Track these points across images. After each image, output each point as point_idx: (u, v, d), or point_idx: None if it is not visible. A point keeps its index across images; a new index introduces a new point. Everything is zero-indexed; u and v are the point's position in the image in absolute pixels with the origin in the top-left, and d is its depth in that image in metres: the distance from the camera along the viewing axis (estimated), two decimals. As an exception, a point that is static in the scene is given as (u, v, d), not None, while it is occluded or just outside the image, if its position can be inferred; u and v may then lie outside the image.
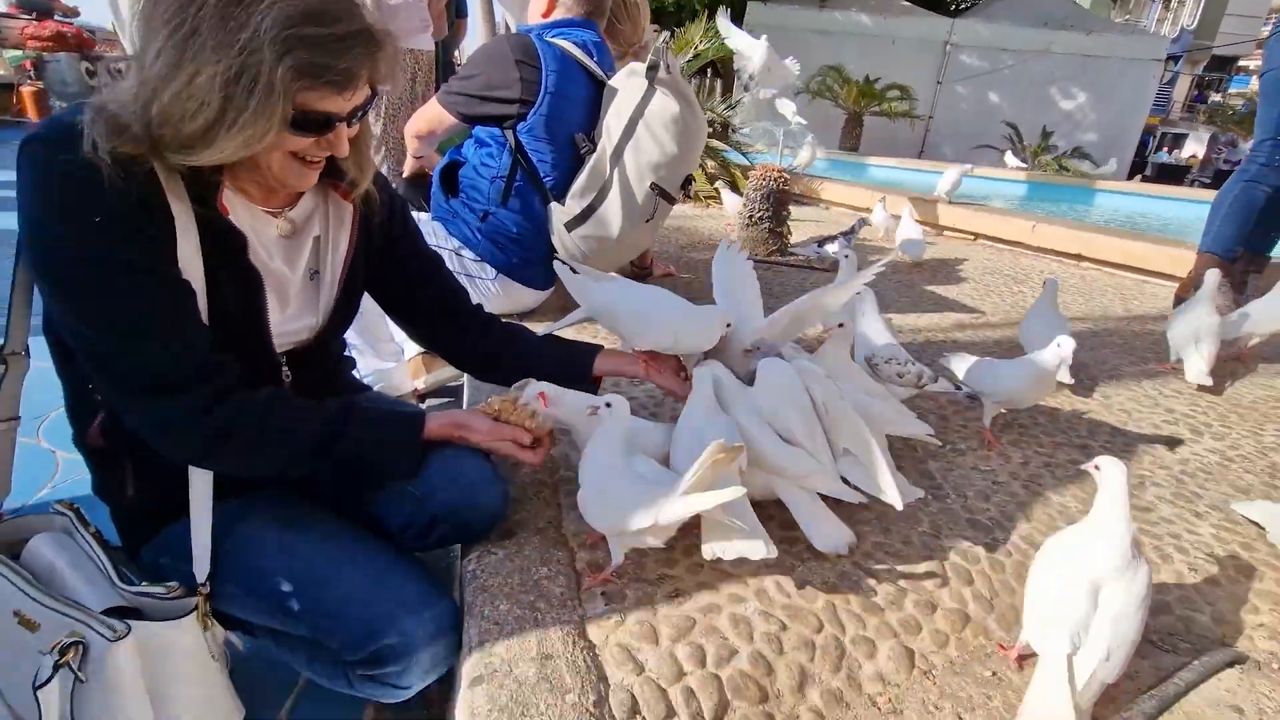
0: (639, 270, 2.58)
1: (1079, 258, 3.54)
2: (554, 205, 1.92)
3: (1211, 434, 1.67)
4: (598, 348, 1.28)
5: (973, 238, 4.09)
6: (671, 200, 1.99)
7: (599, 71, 1.92)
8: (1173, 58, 11.75)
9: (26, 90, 7.14)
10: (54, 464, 1.73)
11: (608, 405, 1.00)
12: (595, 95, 1.93)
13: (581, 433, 1.16)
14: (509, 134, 1.86)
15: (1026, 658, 0.94)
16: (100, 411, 0.95)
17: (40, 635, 0.85)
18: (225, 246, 0.90)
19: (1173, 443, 1.60)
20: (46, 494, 1.63)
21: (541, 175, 1.90)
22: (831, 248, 3.10)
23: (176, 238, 0.84)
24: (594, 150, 1.89)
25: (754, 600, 0.98)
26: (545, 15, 1.98)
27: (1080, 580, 0.87)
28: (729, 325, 1.25)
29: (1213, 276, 2.02)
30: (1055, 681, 0.82)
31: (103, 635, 0.83)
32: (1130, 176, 11.01)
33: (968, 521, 1.22)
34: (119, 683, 0.83)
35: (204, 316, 0.88)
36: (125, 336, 0.82)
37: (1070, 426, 1.64)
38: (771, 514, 1.09)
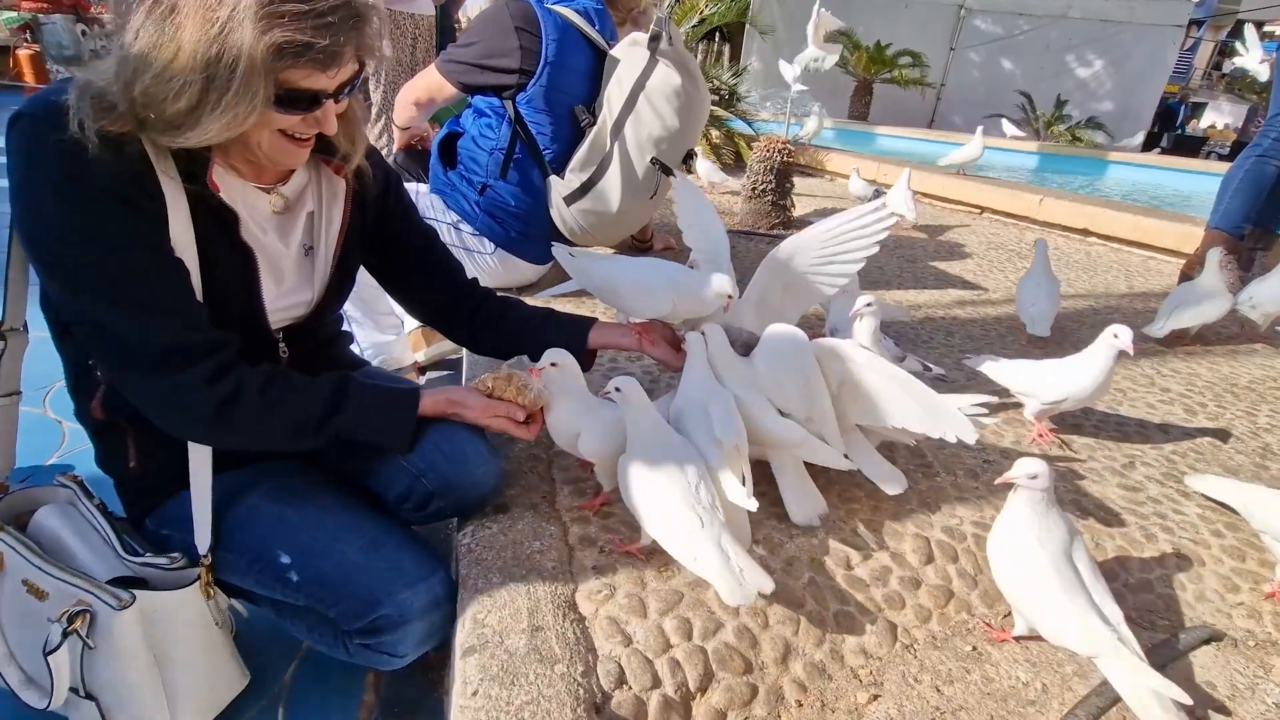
0: (639, 244, 2.56)
1: (1085, 233, 3.51)
2: (553, 179, 1.91)
3: (1205, 414, 1.68)
4: (592, 320, 1.29)
5: (978, 211, 4.04)
6: (672, 174, 1.97)
7: (600, 40, 1.89)
8: (1195, 22, 11.38)
9: (23, 53, 7.06)
10: (60, 433, 1.76)
11: (617, 390, 1.00)
12: (596, 65, 1.90)
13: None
14: (508, 105, 1.84)
15: (1025, 639, 0.97)
16: (101, 385, 0.97)
17: (49, 604, 0.88)
18: (217, 224, 0.91)
19: (1166, 423, 1.61)
20: (55, 463, 1.66)
21: (541, 148, 1.88)
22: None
23: (168, 216, 0.85)
24: (594, 123, 1.87)
25: (741, 575, 1.00)
26: None
27: (1061, 560, 0.90)
28: (730, 297, 1.25)
29: (1214, 255, 2.01)
30: (1136, 670, 0.83)
31: (108, 604, 0.86)
32: (1147, 148, 10.78)
33: (956, 499, 1.23)
34: (125, 649, 0.86)
35: (199, 294, 0.89)
36: (124, 313, 0.83)
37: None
38: (764, 490, 1.11)
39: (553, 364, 1.05)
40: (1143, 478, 1.37)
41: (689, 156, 2.04)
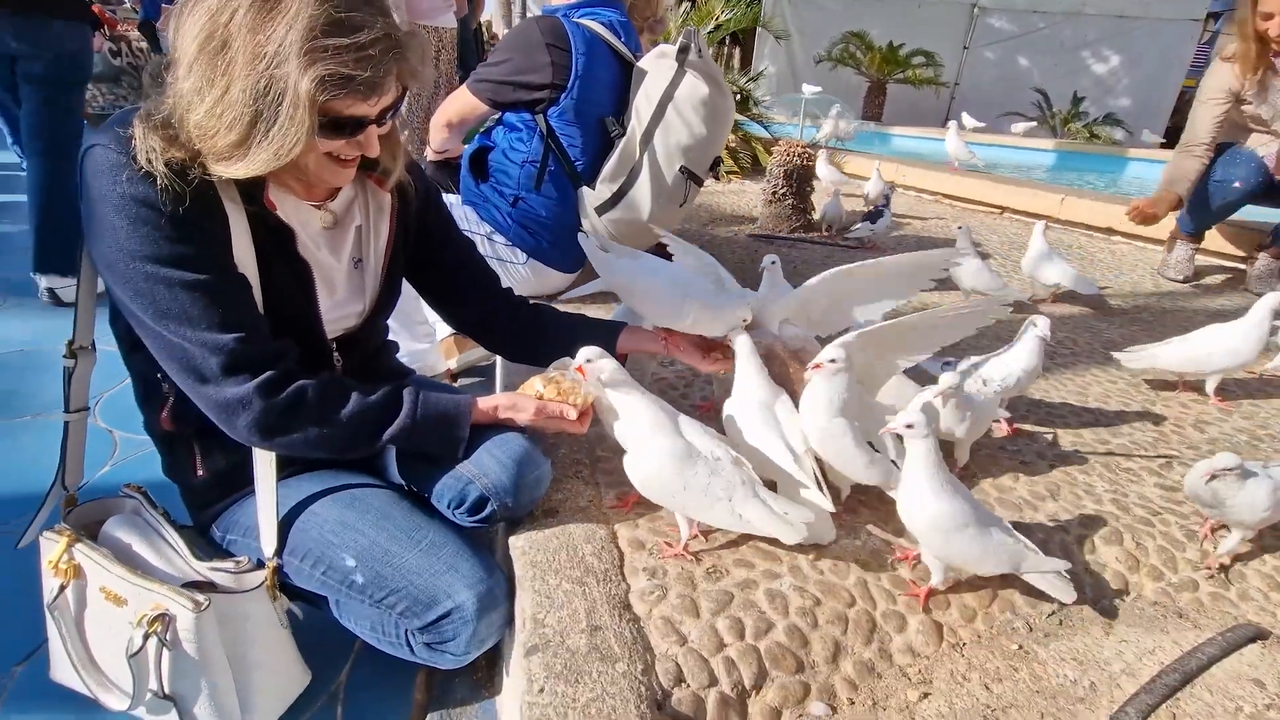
0: (665, 251, 2.59)
1: (1110, 231, 3.49)
2: (584, 190, 1.95)
3: (1241, 413, 1.68)
4: (621, 325, 1.32)
5: (999, 211, 4.03)
6: (700, 182, 2.00)
7: (626, 52, 1.92)
8: (1213, 15, 11.23)
9: (53, 73, 7.25)
10: (112, 443, 1.82)
11: (588, 360, 1.07)
12: (623, 77, 1.93)
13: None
14: (539, 118, 1.87)
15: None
16: (170, 398, 1.01)
17: (128, 609, 0.92)
18: (275, 240, 0.96)
19: (1201, 421, 1.61)
20: (107, 472, 1.72)
21: (572, 159, 1.91)
22: (859, 226, 3.09)
23: (231, 235, 0.90)
24: (624, 133, 1.90)
25: (788, 576, 1.02)
26: None
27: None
28: (746, 322, 1.26)
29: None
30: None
31: (186, 607, 0.90)
32: (1168, 143, 10.67)
33: (996, 500, 1.25)
34: (204, 650, 0.90)
35: (260, 307, 0.94)
36: (193, 328, 0.87)
37: (1099, 406, 1.66)
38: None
39: (588, 360, 1.09)
40: (1180, 478, 1.37)
41: (716, 164, 2.07)
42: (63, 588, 0.96)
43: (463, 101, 1.97)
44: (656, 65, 1.88)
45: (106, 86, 7.10)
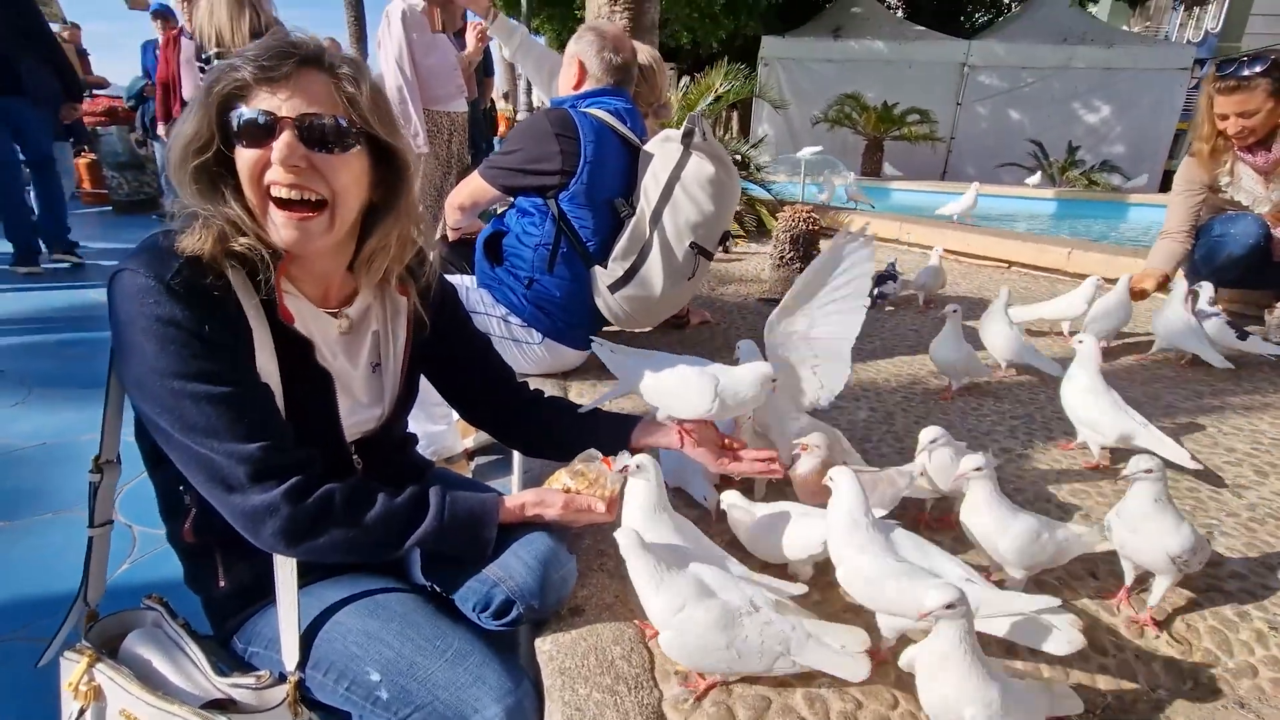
0: (677, 320, 2.62)
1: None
2: (597, 269, 1.98)
3: (1278, 474, 1.63)
4: (637, 419, 1.32)
5: (1006, 265, 4.06)
6: (710, 256, 2.04)
7: (633, 137, 1.99)
8: (1199, 61, 11.56)
9: (81, 161, 7.58)
10: (131, 539, 1.81)
11: (638, 466, 1.05)
12: (630, 160, 2.00)
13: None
14: (551, 203, 1.93)
15: None
16: (193, 510, 1.01)
17: (148, 732, 0.89)
18: (295, 351, 0.98)
19: (1238, 487, 1.57)
20: (126, 569, 1.71)
21: (584, 240, 1.96)
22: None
23: (255, 349, 0.92)
24: (633, 213, 1.95)
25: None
26: (575, 88, 2.07)
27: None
28: (775, 380, 1.26)
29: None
30: None
31: (206, 730, 0.87)
32: (1165, 186, 10.82)
33: (1033, 580, 1.21)
34: (225, 776, 0.87)
35: (283, 414, 0.95)
36: (219, 440, 0.88)
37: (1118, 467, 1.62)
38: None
39: (630, 466, 1.08)
40: (1224, 550, 1.33)
41: (725, 238, 2.11)
42: (82, 711, 0.93)
43: (475, 186, 2.04)
44: (663, 148, 1.95)
45: (132, 174, 7.41)
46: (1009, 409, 1.98)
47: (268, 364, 0.94)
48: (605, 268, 1.98)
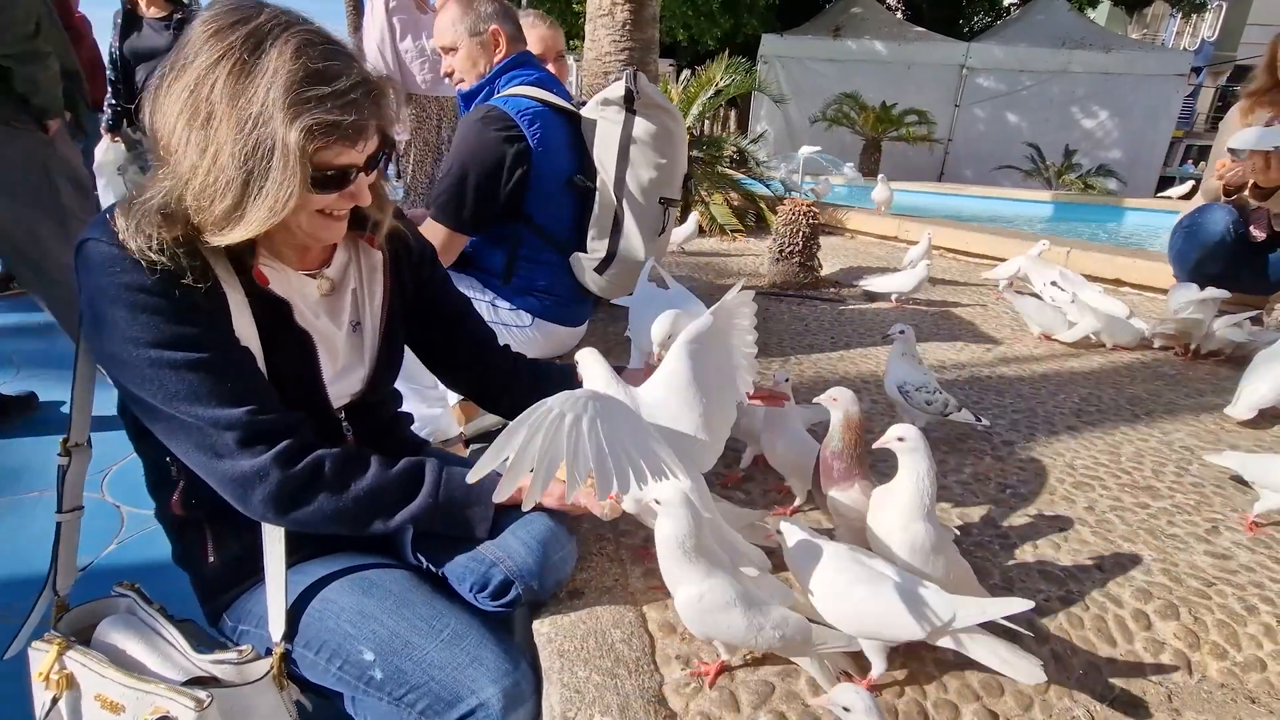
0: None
1: (1118, 283, 3.49)
2: (577, 255, 1.97)
3: None
4: (620, 368, 1.29)
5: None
6: (675, 204, 2.05)
7: (567, 104, 1.94)
8: (1195, 69, 11.64)
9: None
10: (119, 519, 1.77)
11: (656, 502, 0.89)
12: (573, 129, 1.95)
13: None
14: (514, 224, 1.90)
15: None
16: (180, 483, 0.98)
17: (126, 715, 0.86)
18: (273, 313, 0.95)
19: (1242, 483, 1.56)
20: (113, 549, 1.67)
21: (555, 234, 1.95)
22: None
23: (231, 312, 0.90)
24: (594, 187, 1.93)
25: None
26: (493, 64, 1.94)
27: None
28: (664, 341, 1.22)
29: None
30: None
31: (188, 707, 0.84)
32: (1159, 190, 10.88)
33: (1040, 573, 1.19)
34: (210, 753, 0.83)
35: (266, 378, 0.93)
36: (202, 407, 0.86)
37: (1134, 467, 1.61)
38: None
39: (656, 501, 0.90)
40: (1229, 544, 1.31)
41: (687, 178, 2.13)
42: (55, 700, 0.90)
43: (443, 240, 1.84)
44: (603, 114, 1.92)
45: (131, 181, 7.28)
46: (1010, 404, 1.97)
47: (246, 328, 0.91)
48: (585, 251, 1.97)
